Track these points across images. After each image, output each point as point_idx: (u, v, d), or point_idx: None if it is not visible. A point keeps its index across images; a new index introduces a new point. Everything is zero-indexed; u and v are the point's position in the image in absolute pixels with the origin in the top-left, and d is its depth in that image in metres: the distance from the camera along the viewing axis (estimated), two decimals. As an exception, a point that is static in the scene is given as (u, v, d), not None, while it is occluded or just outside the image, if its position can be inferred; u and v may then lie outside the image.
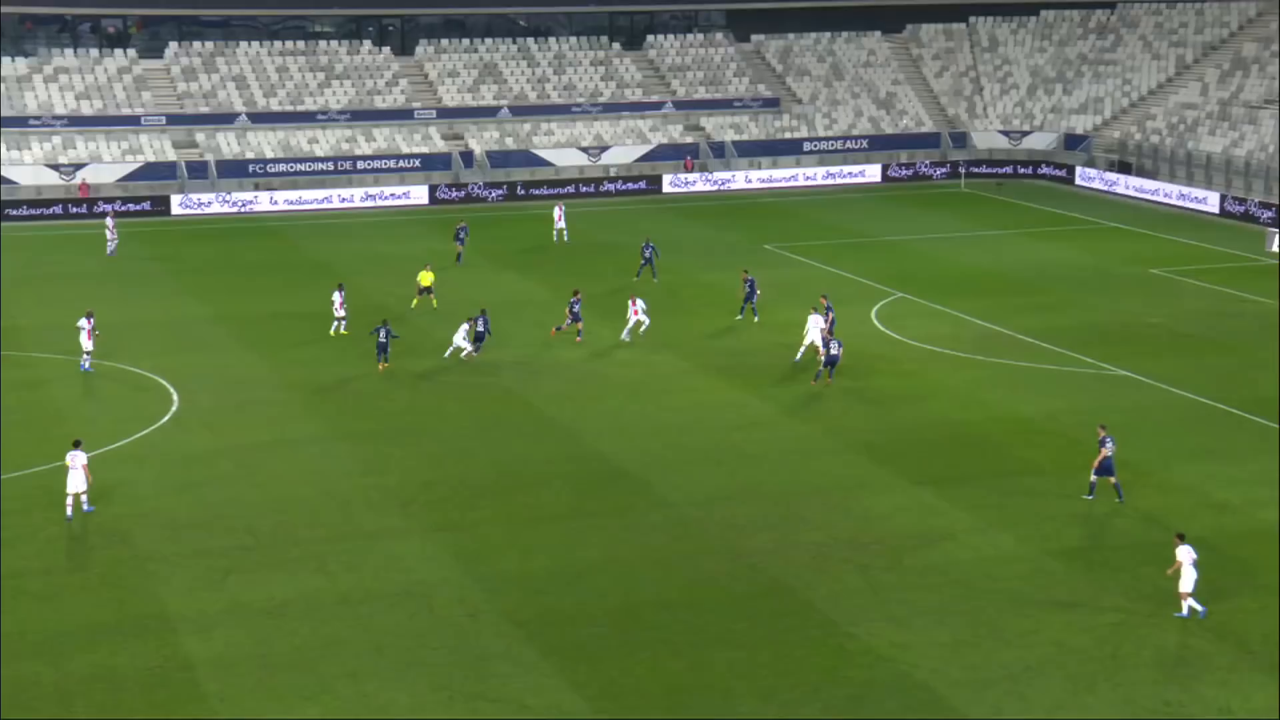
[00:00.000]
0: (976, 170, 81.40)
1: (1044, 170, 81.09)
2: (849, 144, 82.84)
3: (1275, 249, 57.39)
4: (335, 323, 47.01)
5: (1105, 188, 76.74)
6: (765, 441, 37.26)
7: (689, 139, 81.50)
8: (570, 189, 75.36)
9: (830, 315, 44.29)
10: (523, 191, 75.07)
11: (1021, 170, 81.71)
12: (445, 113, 79.92)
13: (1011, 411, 39.68)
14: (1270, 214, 66.49)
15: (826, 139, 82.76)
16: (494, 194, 74.56)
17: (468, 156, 77.08)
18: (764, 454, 36.27)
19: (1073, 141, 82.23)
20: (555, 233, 63.06)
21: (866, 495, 33.41)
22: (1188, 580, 27.27)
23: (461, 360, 43.63)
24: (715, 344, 46.24)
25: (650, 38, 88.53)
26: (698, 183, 77.62)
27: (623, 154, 79.44)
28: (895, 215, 70.60)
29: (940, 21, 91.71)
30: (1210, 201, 70.30)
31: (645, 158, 79.67)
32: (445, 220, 69.45)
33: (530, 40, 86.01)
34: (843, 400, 40.68)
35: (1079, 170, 78.91)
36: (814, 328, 43.08)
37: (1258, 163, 71.48)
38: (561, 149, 78.91)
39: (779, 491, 33.65)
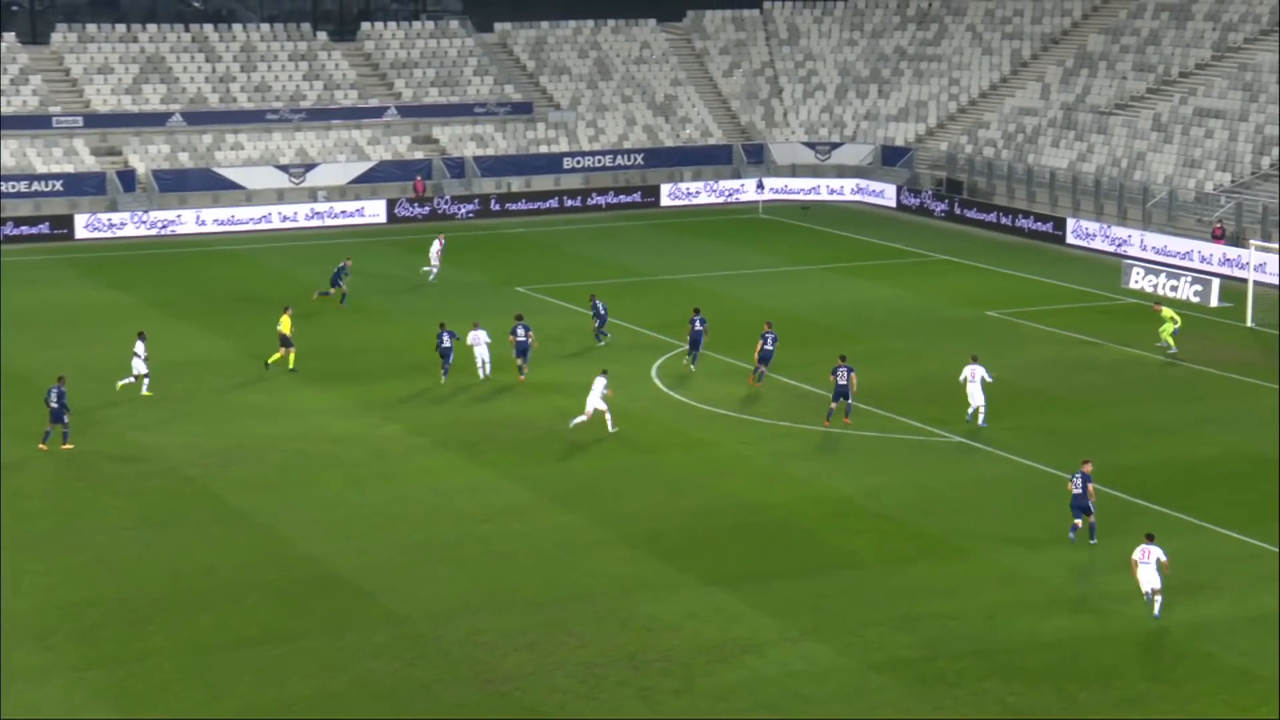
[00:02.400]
0: (776, 191, 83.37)
1: (858, 191, 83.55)
2: (620, 159, 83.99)
3: (1215, 303, 60.43)
4: (131, 378, 47.27)
5: (931, 212, 79.44)
6: (520, 535, 37.26)
7: (419, 154, 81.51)
8: (274, 219, 74.45)
9: (768, 345, 48.09)
10: (203, 225, 73.91)
11: (831, 191, 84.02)
12: (95, 120, 78.27)
13: (824, 490, 40.52)
14: (1116, 243, 69.68)
15: (592, 153, 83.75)
16: (158, 227, 73.27)
17: (128, 177, 75.53)
18: (518, 551, 36.26)
19: (892, 155, 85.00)
20: (431, 270, 63.30)
21: (648, 599, 33.63)
22: (1149, 579, 31.09)
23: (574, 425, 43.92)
24: (457, 412, 46.05)
25: (366, 26, 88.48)
26: (430, 207, 77.60)
27: (333, 173, 78.94)
28: (678, 247, 71.69)
29: (728, 8, 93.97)
30: (1054, 227, 73.41)
31: (363, 178, 79.32)
32: (100, 261, 67.72)
33: (208, 28, 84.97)
34: (616, 480, 40.97)
35: (900, 191, 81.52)
36: (973, 379, 44.95)
37: (1109, 180, 75.01)
38: (254, 167, 78.00)
39: (538, 598, 33.64)
